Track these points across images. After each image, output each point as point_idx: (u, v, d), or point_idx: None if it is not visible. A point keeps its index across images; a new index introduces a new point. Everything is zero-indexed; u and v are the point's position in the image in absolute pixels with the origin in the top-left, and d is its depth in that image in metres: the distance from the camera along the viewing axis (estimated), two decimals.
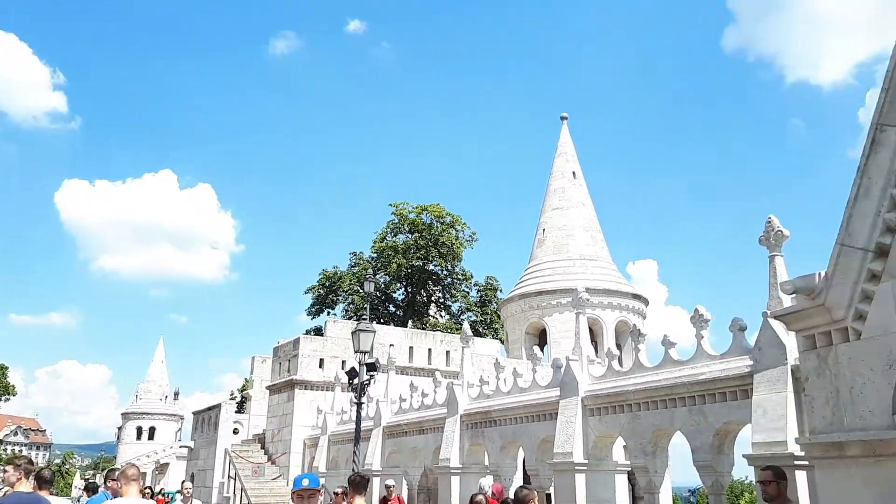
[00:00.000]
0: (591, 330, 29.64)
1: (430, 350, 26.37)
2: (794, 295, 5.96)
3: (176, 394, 68.41)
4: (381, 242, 42.00)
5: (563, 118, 39.63)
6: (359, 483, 6.14)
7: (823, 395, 5.57)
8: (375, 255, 42.97)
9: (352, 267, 43.33)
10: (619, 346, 29.19)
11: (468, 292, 45.60)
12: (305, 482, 4.38)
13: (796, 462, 8.05)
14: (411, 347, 25.89)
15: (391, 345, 24.98)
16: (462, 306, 44.84)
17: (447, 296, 44.80)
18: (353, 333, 14.82)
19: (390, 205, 42.42)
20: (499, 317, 39.34)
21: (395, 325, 34.66)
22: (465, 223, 44.32)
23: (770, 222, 9.38)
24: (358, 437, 14.53)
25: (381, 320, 39.31)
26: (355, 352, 14.72)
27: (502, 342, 37.08)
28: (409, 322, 40.29)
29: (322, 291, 42.78)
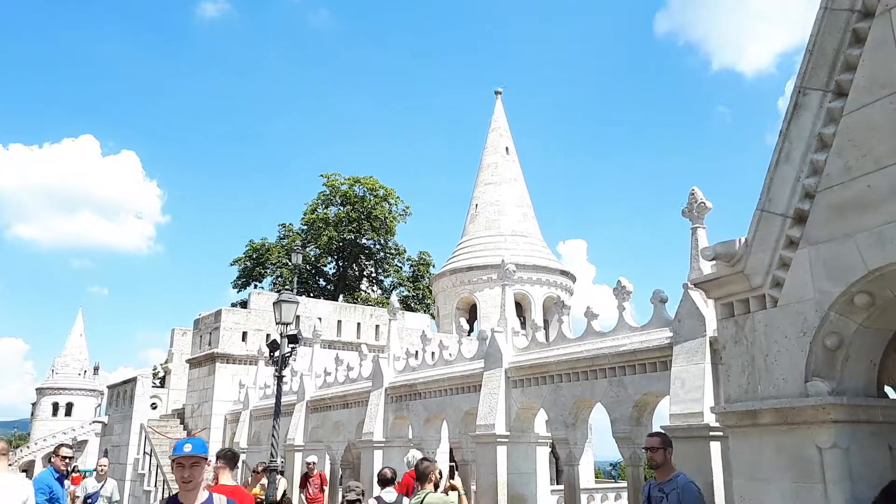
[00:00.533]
0: (519, 305, 29.83)
1: (358, 324, 25.95)
2: (714, 262, 5.85)
3: (96, 368, 65.66)
4: (312, 214, 41.08)
5: (497, 93, 39.43)
6: (229, 458, 5.85)
7: (739, 364, 5.50)
8: (305, 227, 42.04)
9: (281, 239, 42.27)
10: (546, 322, 29.51)
11: (401, 267, 45.26)
12: (188, 447, 3.67)
13: (712, 433, 8.10)
14: (339, 321, 25.41)
15: (319, 318, 24.43)
16: (394, 281, 44.48)
17: (379, 270, 44.33)
18: (274, 304, 14.27)
19: (322, 175, 41.45)
20: (430, 292, 39.19)
21: (326, 299, 34.02)
22: (398, 197, 43.79)
23: (693, 194, 9.35)
24: (278, 411, 14.06)
25: (311, 294, 38.56)
26: (276, 323, 14.18)
27: (433, 317, 36.96)
28: (340, 297, 39.67)
29: (249, 264, 41.62)
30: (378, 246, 43.19)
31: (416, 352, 14.73)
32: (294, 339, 13.73)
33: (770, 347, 5.26)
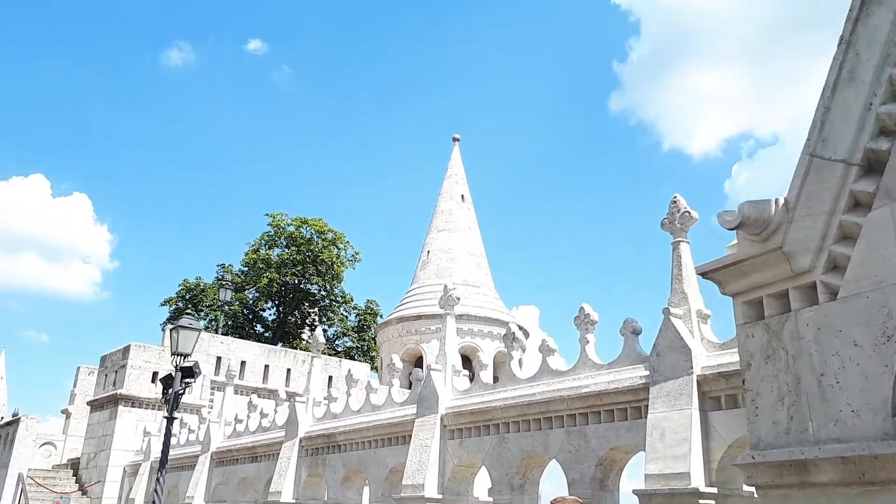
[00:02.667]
0: (468, 359, 27.70)
1: (288, 370, 23.43)
2: (731, 243, 4.02)
3: (14, 415, 60.31)
4: (254, 254, 38.58)
5: (454, 139, 38.18)
6: None
7: (775, 389, 3.59)
8: (246, 268, 39.43)
9: (218, 280, 39.47)
10: (496, 379, 27.43)
11: (346, 316, 42.75)
12: None
13: (702, 501, 6.14)
14: (267, 366, 22.86)
15: (243, 361, 21.89)
16: (339, 330, 41.90)
17: (323, 318, 41.74)
18: (171, 331, 11.95)
19: (267, 215, 39.19)
20: (376, 342, 36.75)
21: None
22: (348, 241, 41.66)
23: (675, 202, 7.65)
24: (164, 461, 11.55)
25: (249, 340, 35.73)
26: (172, 354, 11.82)
27: (377, 371, 34.44)
28: (279, 345, 36.91)
29: (182, 304, 38.62)
30: (323, 292, 40.73)
31: (339, 396, 12.48)
32: (189, 373, 11.37)
33: (827, 363, 3.39)
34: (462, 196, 36.75)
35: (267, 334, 40.11)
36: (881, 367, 3.16)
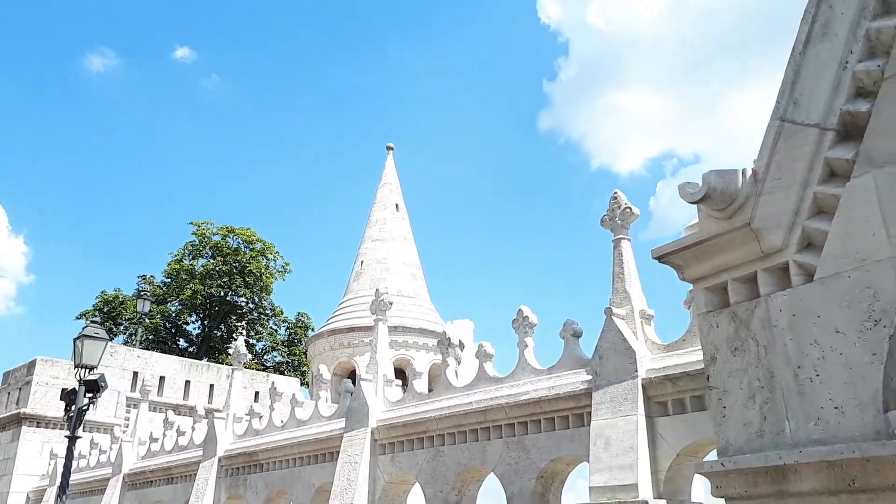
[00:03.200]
0: (402, 372, 27.01)
1: (211, 386, 22.19)
2: (692, 222, 3.61)
3: None
4: (177, 265, 36.85)
5: (388, 148, 37.55)
6: None
7: (745, 386, 3.16)
8: (168, 279, 37.64)
9: (139, 292, 37.53)
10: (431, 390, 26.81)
11: (276, 330, 41.36)
12: None
13: None
14: (188, 381, 21.57)
15: (162, 376, 20.58)
16: (268, 345, 40.46)
17: (251, 332, 40.22)
18: (75, 340, 10.87)
19: (191, 223, 37.55)
20: (307, 357, 35.58)
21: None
22: (278, 252, 40.37)
23: (616, 198, 7.30)
24: (65, 485, 10.44)
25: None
26: (76, 366, 10.74)
27: (308, 386, 33.30)
28: (204, 360, 35.25)
29: (98, 318, 36.45)
30: (251, 304, 39.27)
31: (262, 411, 11.63)
32: (94, 387, 10.33)
33: (805, 353, 2.97)
34: (397, 205, 36.14)
35: (191, 349, 38.33)
36: (868, 356, 2.76)
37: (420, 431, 8.35)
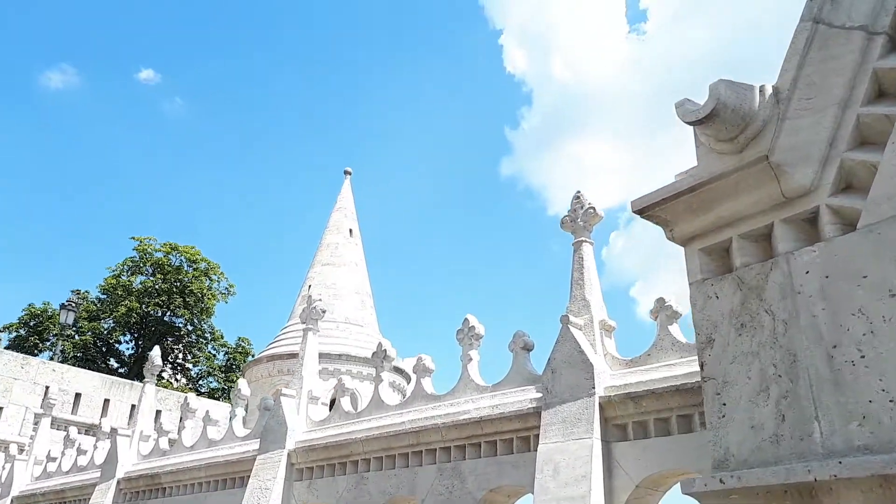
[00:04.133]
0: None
1: (133, 406, 20.48)
2: (684, 170, 2.79)
3: None
4: (114, 280, 34.94)
5: (346, 173, 36.67)
6: None
7: (755, 375, 2.29)
8: (104, 295, 35.63)
9: (63, 304, 35.39)
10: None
11: (215, 354, 39.43)
12: None
13: None
14: (107, 400, 19.89)
15: (78, 393, 18.90)
16: (204, 369, 38.48)
17: (188, 355, 38.25)
18: None
19: (133, 238, 35.80)
20: None
21: None
22: (223, 273, 38.72)
23: (579, 198, 6.53)
24: None
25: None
26: None
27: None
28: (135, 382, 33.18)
29: (24, 332, 34.22)
30: (190, 326, 37.40)
31: (171, 428, 10.35)
32: None
33: (844, 328, 2.13)
34: (350, 230, 35.07)
35: (122, 370, 36.17)
36: None
37: (343, 455, 7.29)
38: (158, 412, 20.73)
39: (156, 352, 11.50)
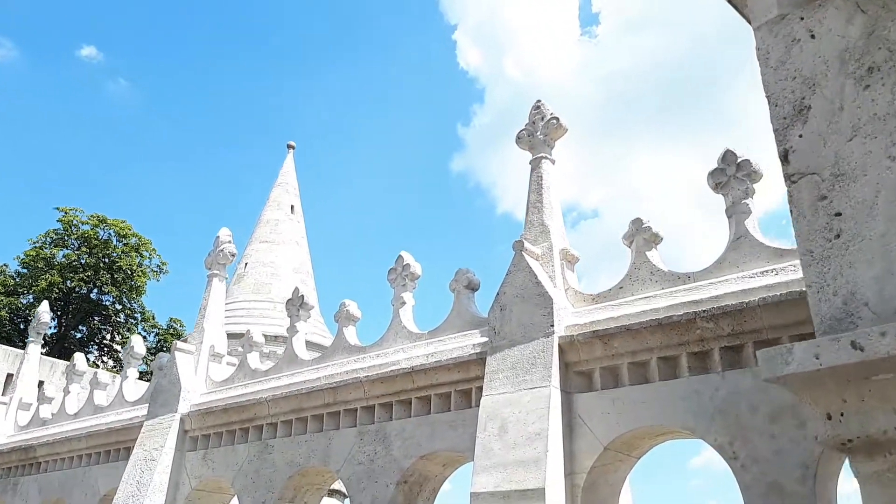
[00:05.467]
0: None
1: (41, 383, 18.58)
2: None
3: None
4: (34, 252, 32.47)
5: (289, 147, 34.97)
6: None
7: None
8: (24, 268, 33.11)
9: None
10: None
11: (145, 336, 37.18)
12: None
13: None
14: (10, 375, 17.97)
15: None
16: None
17: (115, 336, 35.95)
18: None
19: (58, 209, 33.32)
20: None
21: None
22: (154, 249, 36.48)
23: (539, 108, 5.41)
24: None
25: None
26: None
27: None
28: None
29: None
30: (118, 305, 35.12)
31: (54, 398, 8.85)
32: None
33: None
34: (292, 207, 33.43)
35: (43, 350, 33.58)
36: None
37: (246, 419, 5.99)
38: (41, 383, 18.90)
39: (44, 307, 9.96)
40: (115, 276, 33.91)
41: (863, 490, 1.30)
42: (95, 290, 34.07)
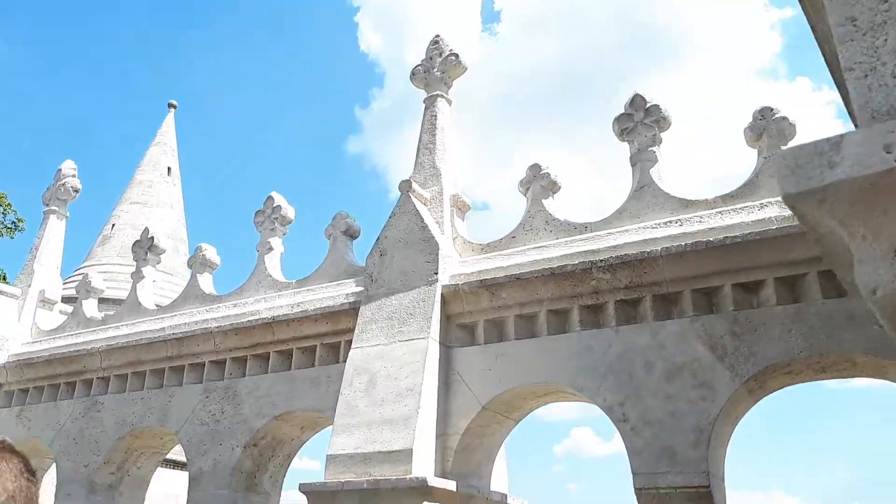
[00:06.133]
0: None
1: None
2: None
3: None
4: None
5: (171, 105, 32.74)
6: None
7: None
8: None
9: None
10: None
11: None
12: None
13: None
14: None
15: None
16: None
17: None
18: None
19: None
20: None
21: None
22: (10, 204, 33.08)
23: (437, 42, 4.91)
24: None
25: None
26: None
27: None
28: None
29: None
30: None
31: None
32: None
33: None
34: (169, 169, 31.23)
35: None
36: None
37: (74, 372, 5.12)
38: None
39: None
40: None
41: None
42: None
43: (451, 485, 3.33)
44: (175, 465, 9.74)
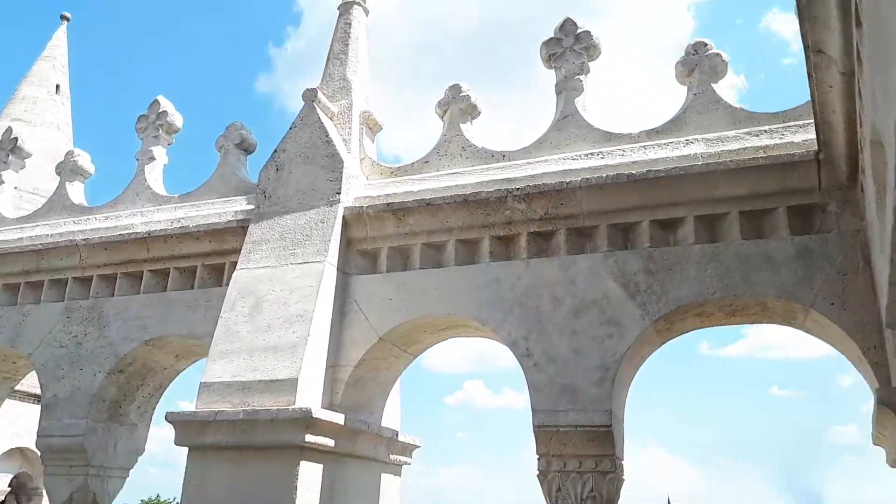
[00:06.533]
0: None
1: None
2: None
3: None
4: None
5: (63, 17, 29.96)
6: None
7: None
8: None
9: None
10: None
11: None
12: None
13: (313, 439, 2.91)
14: None
15: None
16: None
17: None
18: None
19: None
20: None
21: None
22: None
23: None
24: None
25: None
26: None
27: None
28: None
29: None
30: None
31: None
32: None
33: None
34: (57, 87, 28.62)
35: None
36: None
37: None
38: None
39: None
40: None
41: None
42: None
43: (338, 418, 3.05)
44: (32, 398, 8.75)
